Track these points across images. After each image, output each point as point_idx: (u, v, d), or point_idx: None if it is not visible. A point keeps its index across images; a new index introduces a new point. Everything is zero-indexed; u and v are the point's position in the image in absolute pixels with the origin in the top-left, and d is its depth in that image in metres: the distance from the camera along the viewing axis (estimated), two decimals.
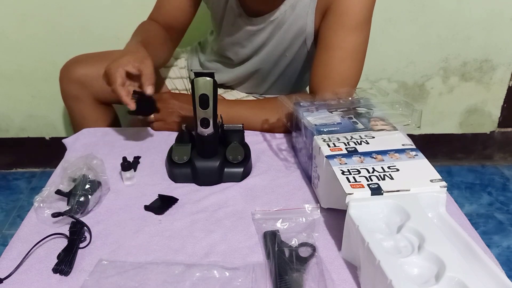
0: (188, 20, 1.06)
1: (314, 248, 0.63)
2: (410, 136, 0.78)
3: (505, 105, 1.66)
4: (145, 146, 0.89)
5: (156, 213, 0.72)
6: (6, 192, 1.58)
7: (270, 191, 0.77)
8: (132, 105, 0.83)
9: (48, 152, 1.63)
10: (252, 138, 0.91)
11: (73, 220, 0.67)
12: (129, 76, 0.84)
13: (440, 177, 0.63)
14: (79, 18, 1.40)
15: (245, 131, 0.85)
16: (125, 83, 0.83)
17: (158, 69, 1.13)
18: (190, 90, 0.75)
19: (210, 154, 0.79)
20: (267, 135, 0.93)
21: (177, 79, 1.17)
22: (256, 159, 0.85)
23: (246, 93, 1.13)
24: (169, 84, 1.16)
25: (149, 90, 0.83)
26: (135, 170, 0.82)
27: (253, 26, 0.97)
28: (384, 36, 1.48)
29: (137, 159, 0.84)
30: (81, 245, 0.65)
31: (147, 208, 0.73)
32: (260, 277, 0.59)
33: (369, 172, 0.64)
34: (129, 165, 0.78)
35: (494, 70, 1.58)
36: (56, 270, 0.61)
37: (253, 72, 1.06)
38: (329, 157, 0.68)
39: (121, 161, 0.77)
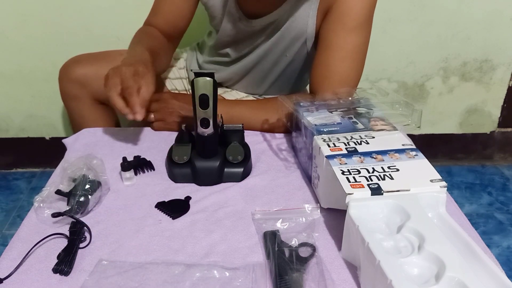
0: (186, 24, 1.03)
1: (314, 248, 0.63)
2: (410, 136, 0.78)
3: (505, 105, 1.66)
4: (145, 146, 0.89)
5: (170, 216, 0.71)
6: (6, 192, 1.58)
7: (270, 191, 0.77)
8: (130, 116, 0.79)
9: (48, 152, 1.62)
10: (252, 138, 0.90)
11: (73, 220, 0.67)
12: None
13: (440, 177, 0.63)
14: (80, 18, 1.40)
15: (245, 131, 0.85)
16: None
17: (160, 75, 1.13)
18: (190, 91, 0.75)
19: (210, 154, 0.79)
20: (267, 135, 0.93)
21: (177, 80, 1.17)
22: (256, 159, 0.85)
23: (246, 93, 1.13)
24: (169, 84, 1.16)
25: (138, 116, 0.79)
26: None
27: (253, 28, 0.96)
28: (384, 36, 1.48)
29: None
30: (81, 245, 0.65)
31: (159, 206, 0.73)
32: (260, 277, 0.59)
33: (369, 172, 0.64)
34: (129, 165, 0.78)
35: (494, 70, 1.58)
36: (56, 270, 0.61)
37: (250, 70, 1.05)
38: (329, 157, 0.67)
39: (121, 161, 0.77)
